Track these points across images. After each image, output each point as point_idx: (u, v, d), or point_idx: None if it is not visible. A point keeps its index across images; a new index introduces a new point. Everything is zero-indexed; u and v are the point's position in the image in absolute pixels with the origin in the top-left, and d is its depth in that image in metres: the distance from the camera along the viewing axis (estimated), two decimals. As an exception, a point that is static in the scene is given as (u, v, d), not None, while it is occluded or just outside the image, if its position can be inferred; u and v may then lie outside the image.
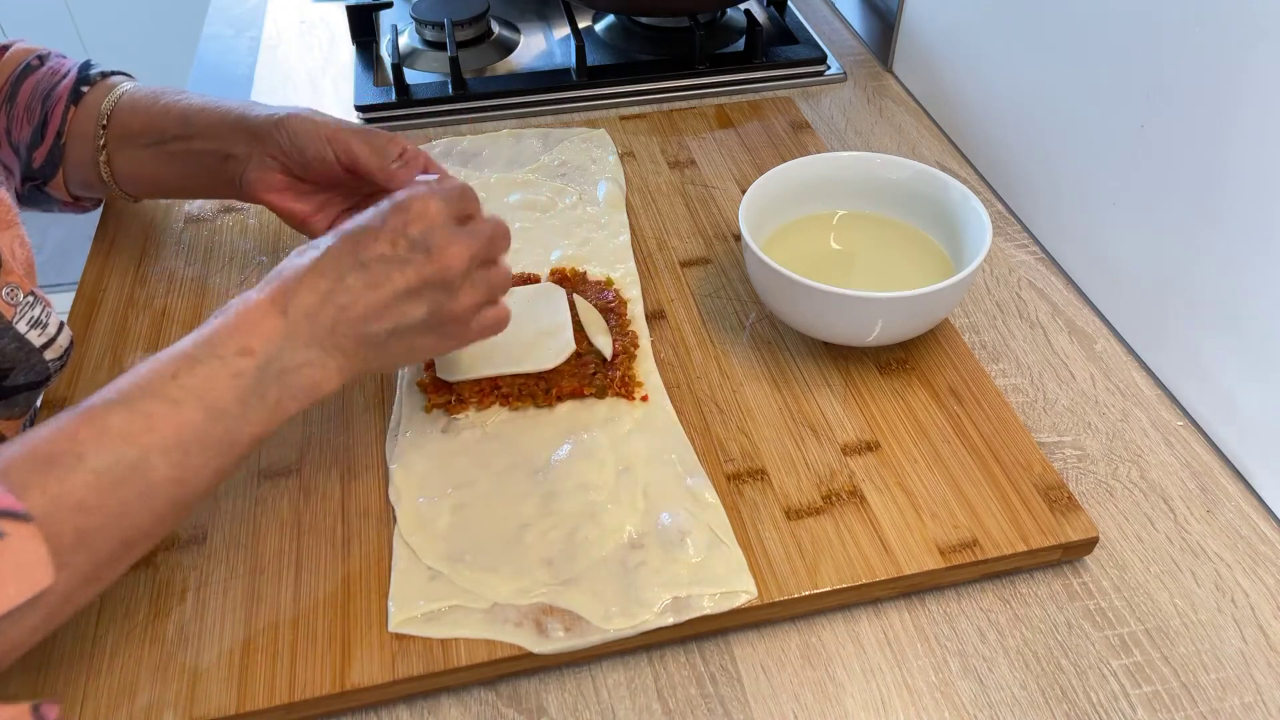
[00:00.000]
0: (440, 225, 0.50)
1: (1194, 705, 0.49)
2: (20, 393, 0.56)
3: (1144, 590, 0.54)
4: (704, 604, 0.51)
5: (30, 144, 0.69)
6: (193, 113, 0.65)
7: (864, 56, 1.01)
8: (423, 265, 0.49)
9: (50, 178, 0.70)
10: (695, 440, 0.60)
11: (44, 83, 0.69)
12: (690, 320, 0.68)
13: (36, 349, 0.55)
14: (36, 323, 0.56)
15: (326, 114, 0.62)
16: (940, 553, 0.53)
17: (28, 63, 0.70)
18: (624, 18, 1.03)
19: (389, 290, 0.49)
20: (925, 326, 0.63)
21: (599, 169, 0.81)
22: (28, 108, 0.68)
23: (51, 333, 0.56)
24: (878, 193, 0.70)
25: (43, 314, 0.56)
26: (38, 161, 0.69)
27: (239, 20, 1.09)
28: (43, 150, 0.68)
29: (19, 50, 0.71)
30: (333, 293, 0.48)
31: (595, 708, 0.49)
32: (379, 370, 0.52)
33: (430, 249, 0.49)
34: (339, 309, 0.48)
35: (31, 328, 0.55)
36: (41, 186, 0.70)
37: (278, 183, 0.63)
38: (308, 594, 0.52)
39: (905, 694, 0.50)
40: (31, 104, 0.68)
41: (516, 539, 0.54)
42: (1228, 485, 0.60)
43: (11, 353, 0.54)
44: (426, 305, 0.50)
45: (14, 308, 0.54)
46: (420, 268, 0.49)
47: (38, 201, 0.73)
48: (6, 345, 0.54)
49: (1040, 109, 0.74)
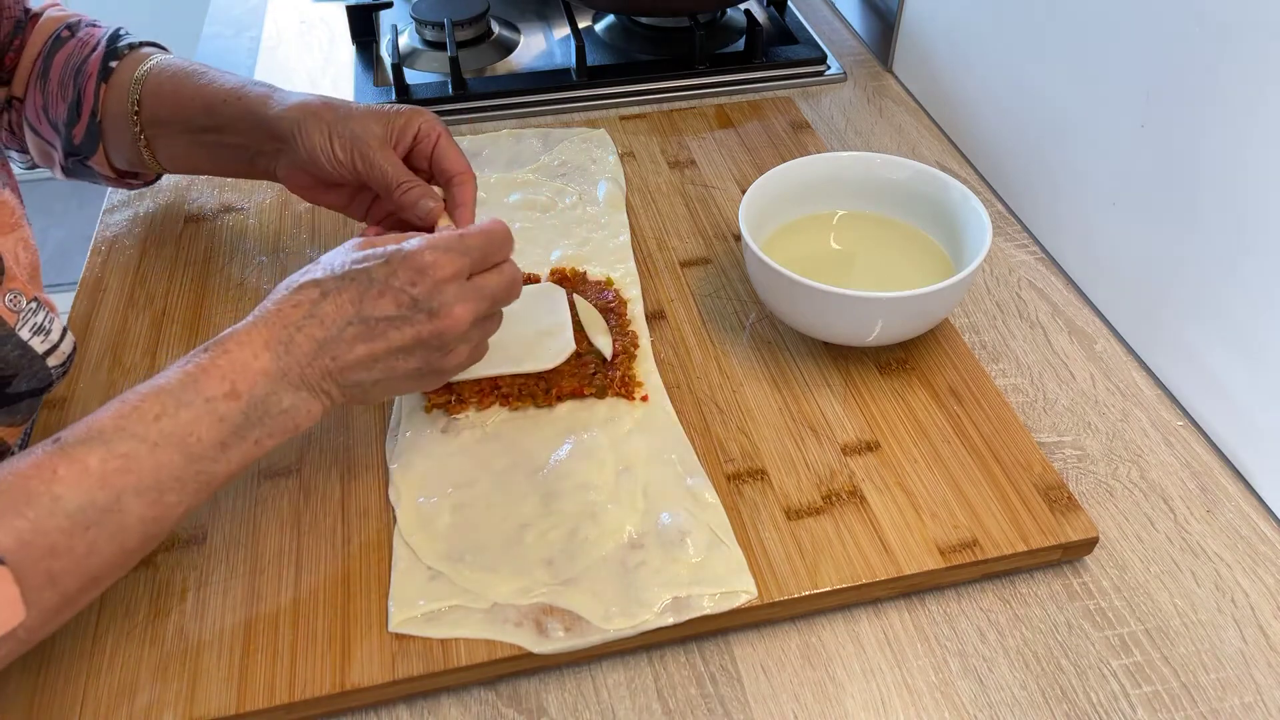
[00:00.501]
0: (448, 284, 0.49)
1: (1194, 705, 0.49)
2: (23, 399, 0.56)
3: (1144, 590, 0.54)
4: (704, 604, 0.51)
5: (68, 121, 0.69)
6: (217, 103, 0.65)
7: (864, 56, 1.01)
8: (422, 325, 0.49)
9: (91, 153, 0.70)
10: (695, 440, 0.60)
11: (74, 57, 0.69)
12: (690, 320, 0.68)
13: (39, 356, 0.55)
14: (39, 329, 0.56)
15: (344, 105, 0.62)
16: (940, 553, 0.53)
17: (58, 34, 0.69)
18: (624, 18, 1.03)
19: (383, 345, 0.49)
20: (925, 326, 0.63)
21: (599, 169, 0.81)
22: (61, 84, 0.68)
23: (54, 339, 0.56)
24: (878, 193, 0.70)
25: (46, 320, 0.56)
26: (78, 138, 0.69)
27: (239, 20, 1.09)
28: (80, 128, 0.69)
29: (49, 20, 0.70)
30: (329, 343, 0.48)
31: (595, 708, 0.49)
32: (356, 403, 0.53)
33: (433, 311, 0.49)
34: (332, 359, 0.48)
35: (34, 334, 0.55)
36: (84, 161, 0.71)
37: (307, 180, 0.65)
38: (308, 594, 0.52)
39: (905, 694, 0.50)
40: (64, 79, 0.68)
41: (516, 539, 0.54)
42: (1228, 485, 0.60)
43: (14, 360, 0.54)
44: (417, 361, 0.50)
45: (17, 314, 0.54)
46: (419, 328, 0.49)
47: (82, 175, 0.73)
48: (9, 352, 0.53)
49: (1040, 109, 0.74)
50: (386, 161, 0.60)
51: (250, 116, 0.64)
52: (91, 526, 0.42)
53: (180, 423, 0.44)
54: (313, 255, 0.74)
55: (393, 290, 0.49)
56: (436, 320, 0.49)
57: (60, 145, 0.70)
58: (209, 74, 0.67)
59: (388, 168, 0.60)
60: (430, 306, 0.49)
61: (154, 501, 0.44)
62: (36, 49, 0.69)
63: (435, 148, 0.62)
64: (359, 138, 0.60)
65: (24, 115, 0.70)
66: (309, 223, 0.78)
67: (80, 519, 0.42)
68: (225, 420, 0.45)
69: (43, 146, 0.71)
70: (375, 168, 0.60)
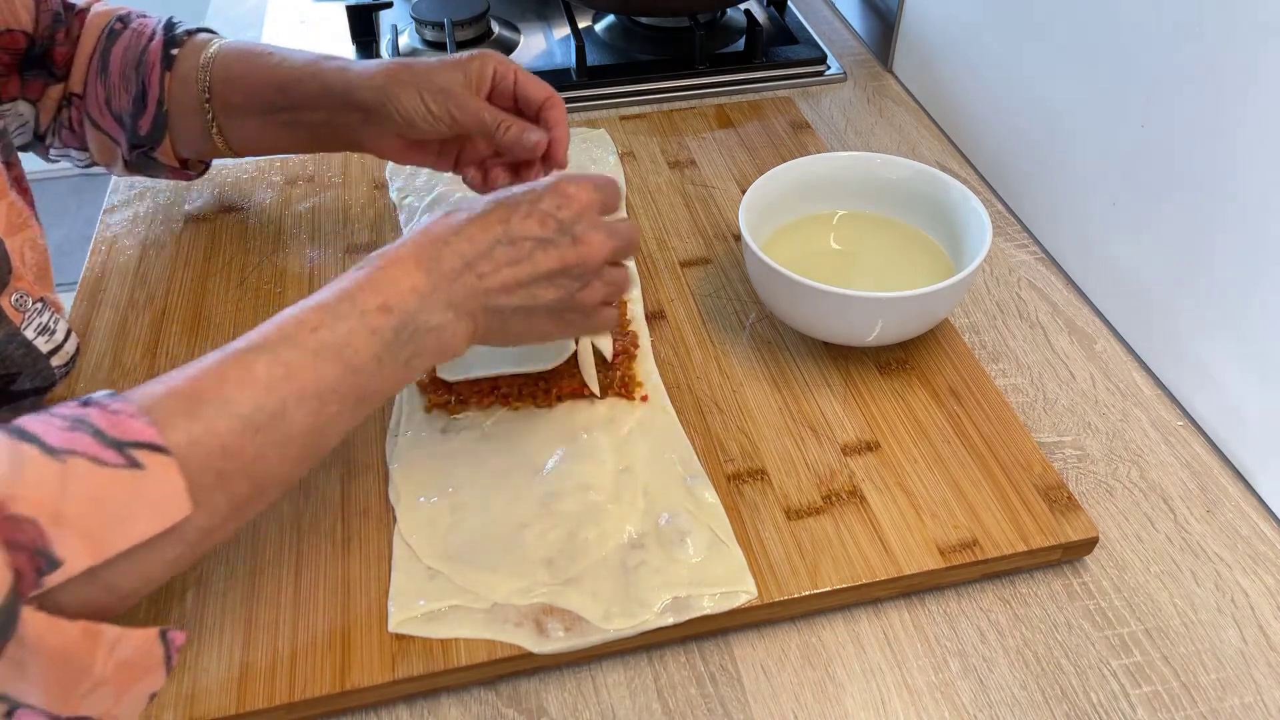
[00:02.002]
0: (589, 214, 0.52)
1: (1194, 705, 0.49)
2: (26, 398, 0.56)
3: (1144, 590, 0.54)
4: (704, 604, 0.51)
5: (133, 112, 0.68)
6: (292, 82, 0.66)
7: (864, 56, 1.01)
8: (566, 251, 0.50)
9: (158, 143, 0.70)
10: (695, 440, 0.60)
11: (132, 48, 0.69)
12: (690, 320, 0.68)
13: (43, 355, 0.55)
14: (44, 329, 0.56)
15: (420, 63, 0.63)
16: (940, 553, 0.53)
17: (110, 28, 0.69)
18: (624, 18, 1.03)
19: (528, 269, 0.50)
20: (925, 326, 0.63)
21: (599, 169, 0.81)
22: (123, 76, 0.68)
23: (59, 339, 0.57)
24: (878, 193, 0.70)
25: (51, 320, 0.56)
26: (144, 129, 0.69)
27: (239, 20, 1.09)
28: (146, 119, 0.68)
29: (99, 14, 0.70)
30: (477, 260, 0.49)
31: (595, 708, 0.49)
32: (492, 343, 0.53)
33: (576, 237, 0.51)
34: (478, 277, 0.49)
35: (39, 334, 0.55)
36: (149, 152, 0.70)
37: (398, 144, 0.66)
38: (308, 594, 0.52)
39: (905, 694, 0.50)
40: (126, 71, 0.68)
41: (516, 539, 0.54)
42: (1228, 485, 0.60)
43: (19, 359, 0.54)
44: (558, 291, 0.51)
45: (22, 314, 0.54)
46: (564, 253, 0.50)
47: (146, 168, 0.73)
48: (14, 351, 0.54)
49: (1040, 109, 0.74)
50: (481, 107, 0.62)
51: (330, 93, 0.65)
52: (259, 431, 0.43)
53: (338, 334, 0.45)
54: (312, 256, 0.74)
55: (539, 212, 0.50)
56: (579, 246, 0.51)
57: (125, 138, 0.69)
58: (278, 53, 0.68)
59: (484, 113, 0.62)
60: (574, 231, 0.51)
61: (315, 411, 0.45)
62: (91, 43, 0.69)
63: (516, 83, 0.64)
64: (449, 90, 0.62)
65: (85, 111, 0.70)
66: (309, 222, 0.78)
67: (250, 422, 0.42)
68: (378, 334, 0.46)
69: (104, 142, 0.70)
70: (472, 114, 0.62)
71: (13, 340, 0.54)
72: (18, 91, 0.68)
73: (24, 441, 0.39)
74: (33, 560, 0.37)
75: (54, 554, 0.37)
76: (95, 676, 0.39)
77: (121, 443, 0.39)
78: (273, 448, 0.44)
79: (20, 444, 0.39)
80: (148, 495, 0.39)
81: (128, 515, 0.39)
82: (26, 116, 0.70)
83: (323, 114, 0.66)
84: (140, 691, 0.41)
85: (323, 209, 0.79)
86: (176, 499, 0.40)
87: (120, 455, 0.39)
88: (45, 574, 0.37)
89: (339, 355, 0.45)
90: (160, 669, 0.42)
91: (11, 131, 0.71)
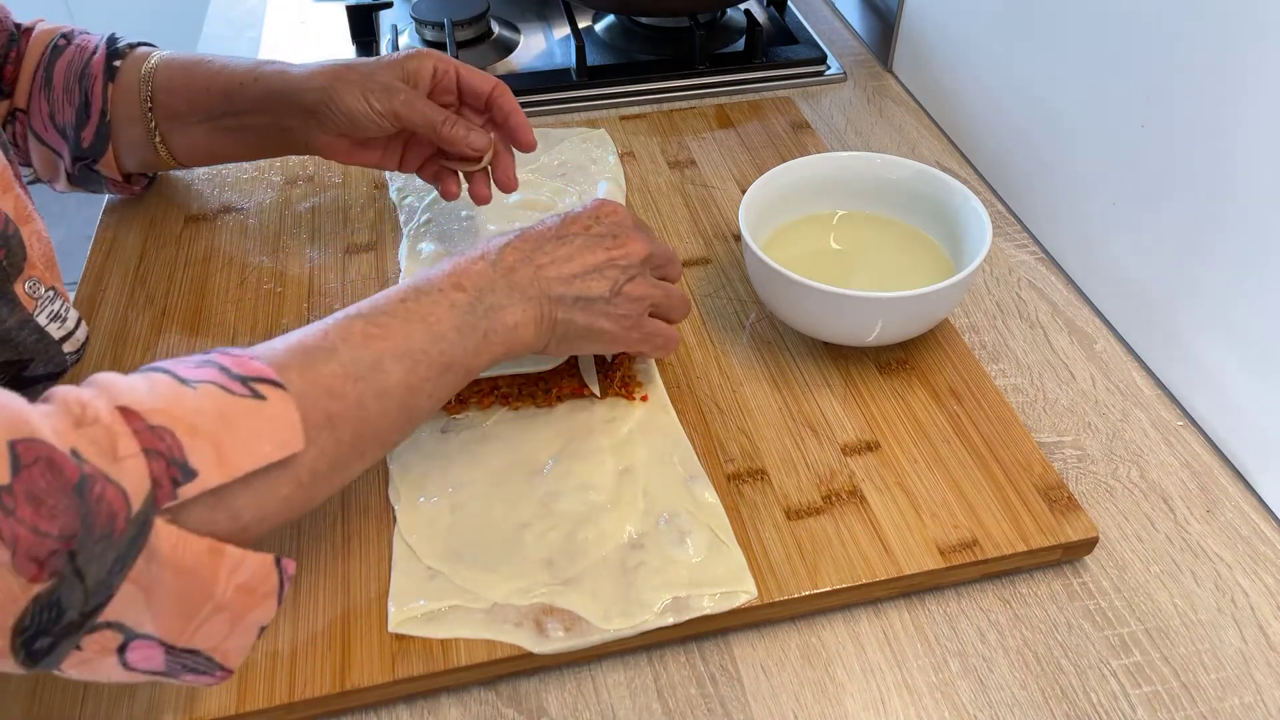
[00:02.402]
0: (628, 224, 0.57)
1: (1194, 705, 0.49)
2: (39, 383, 0.58)
3: (1144, 590, 0.54)
4: (704, 604, 0.51)
5: (76, 124, 0.69)
6: (235, 87, 0.68)
7: (864, 56, 1.01)
8: (611, 247, 0.56)
9: (100, 154, 0.71)
10: (695, 440, 0.60)
11: (75, 62, 0.69)
12: (690, 320, 0.68)
13: (56, 341, 0.57)
14: (56, 316, 0.57)
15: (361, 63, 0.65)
16: (940, 553, 0.53)
17: (54, 43, 0.70)
18: (624, 18, 1.03)
19: (579, 262, 0.55)
20: (925, 326, 0.63)
21: (599, 169, 0.81)
22: (66, 89, 0.69)
23: (70, 326, 0.58)
24: (878, 193, 0.70)
25: (62, 309, 0.58)
26: (86, 141, 0.70)
27: (239, 20, 1.09)
28: (90, 130, 0.69)
29: (43, 32, 0.71)
30: (532, 253, 0.54)
31: (595, 708, 0.49)
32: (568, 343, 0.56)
33: (618, 236, 0.56)
34: (536, 267, 0.54)
35: (51, 321, 0.57)
36: (92, 165, 0.71)
37: (344, 145, 0.68)
38: (308, 593, 0.52)
39: (905, 694, 0.50)
40: (69, 85, 0.69)
41: (516, 539, 0.54)
42: (1228, 485, 0.60)
43: (32, 345, 0.55)
44: (609, 283, 0.55)
45: (35, 301, 0.56)
46: (609, 248, 0.56)
47: (88, 182, 0.74)
48: (27, 337, 0.55)
49: (1040, 109, 0.74)
50: (425, 104, 0.65)
51: (273, 95, 0.66)
52: (360, 379, 0.46)
53: (422, 305, 0.50)
54: (312, 256, 0.74)
55: (582, 221, 0.56)
56: (620, 244, 0.56)
57: (68, 151, 0.70)
58: (217, 61, 0.69)
59: (427, 109, 0.64)
60: (615, 234, 0.56)
61: (408, 370, 0.48)
62: (35, 59, 0.70)
63: (458, 78, 0.67)
64: (391, 88, 0.64)
65: (29, 126, 0.70)
66: (309, 222, 0.78)
67: (352, 369, 0.46)
68: (456, 307, 0.50)
69: (48, 156, 0.71)
70: (416, 111, 0.64)
71: (26, 326, 0.55)
72: None
73: (158, 373, 0.42)
74: (169, 470, 0.39)
75: (190, 464, 0.39)
76: (216, 598, 0.40)
77: (246, 378, 0.43)
78: (373, 398, 0.47)
79: (155, 375, 0.42)
80: (270, 423, 0.42)
81: (254, 438, 0.41)
82: None
83: (267, 118, 0.67)
84: (252, 621, 0.43)
85: (323, 209, 0.79)
86: (294, 429, 0.43)
87: (245, 387, 0.42)
88: (181, 484, 0.39)
89: (424, 321, 0.49)
90: (273, 597, 0.43)
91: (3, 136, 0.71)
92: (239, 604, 0.41)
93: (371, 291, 0.70)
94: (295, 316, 0.69)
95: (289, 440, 0.42)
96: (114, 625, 0.38)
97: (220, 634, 0.41)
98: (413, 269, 0.72)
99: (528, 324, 0.53)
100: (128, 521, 0.37)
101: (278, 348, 0.46)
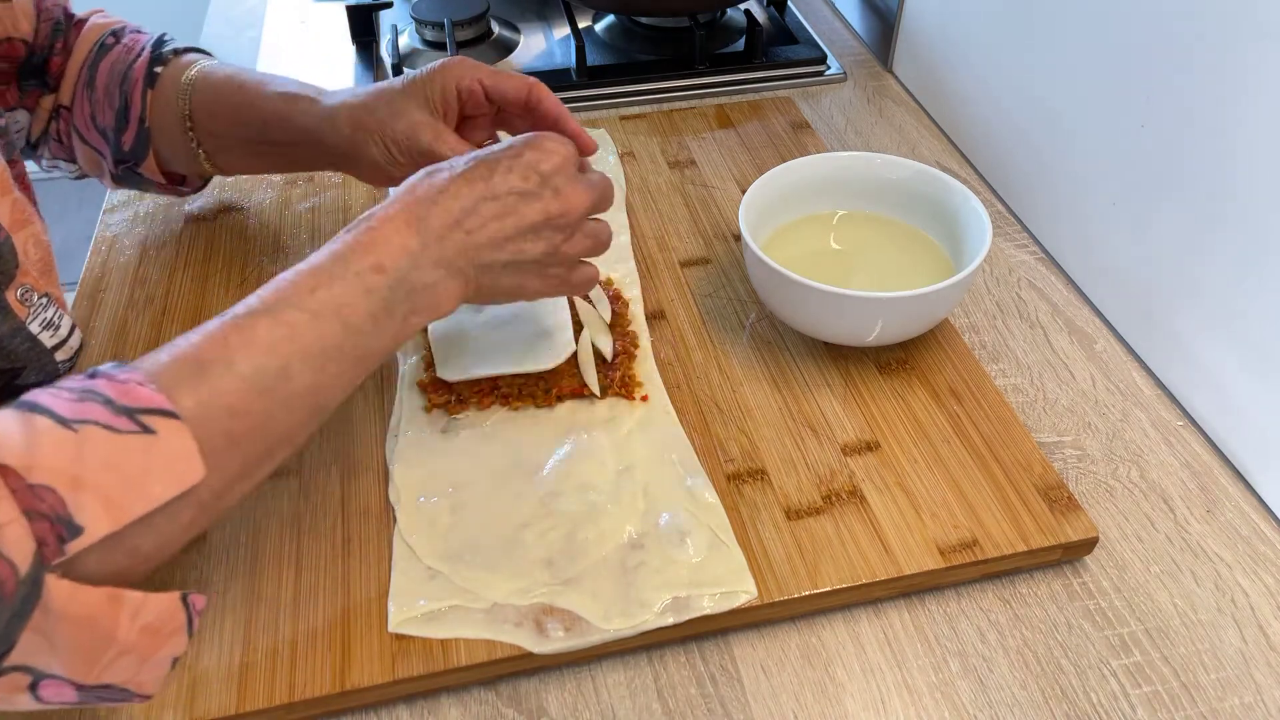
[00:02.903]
0: (568, 167, 0.53)
1: (1194, 705, 0.49)
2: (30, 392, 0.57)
3: (1144, 590, 0.54)
4: (704, 604, 0.51)
5: (116, 128, 0.69)
6: (270, 121, 0.65)
7: (864, 56, 1.01)
8: (549, 203, 0.52)
9: (142, 158, 0.70)
10: (695, 440, 0.60)
11: (119, 63, 0.69)
12: (690, 320, 0.68)
13: (48, 350, 0.56)
14: (49, 324, 0.56)
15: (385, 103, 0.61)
16: (940, 553, 0.53)
17: (102, 41, 0.69)
18: (624, 18, 1.03)
19: (514, 223, 0.51)
20: (925, 326, 0.63)
21: (599, 169, 0.81)
22: (107, 90, 0.68)
23: (63, 334, 0.57)
24: (878, 193, 0.70)
25: (55, 316, 0.57)
26: (127, 145, 0.69)
27: (239, 20, 1.09)
28: (129, 134, 0.69)
29: (95, 27, 0.70)
30: (464, 217, 0.50)
31: (595, 708, 0.49)
32: (487, 299, 0.54)
33: (558, 189, 0.52)
34: (467, 234, 0.50)
35: (44, 329, 0.56)
36: (134, 168, 0.70)
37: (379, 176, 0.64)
38: (308, 594, 0.52)
39: (905, 694, 0.50)
40: (110, 87, 0.68)
41: (516, 539, 0.54)
42: (1228, 485, 0.60)
43: (24, 353, 0.55)
44: (545, 244, 0.52)
45: (28, 308, 0.55)
46: (547, 204, 0.51)
47: (133, 183, 0.73)
48: (19, 345, 0.54)
49: (1040, 109, 0.74)
50: (445, 145, 0.60)
51: (307, 134, 0.64)
52: (264, 392, 0.43)
53: (334, 294, 0.46)
54: (313, 255, 0.74)
55: (520, 166, 0.51)
56: (560, 197, 0.52)
57: (109, 153, 0.70)
58: (250, 84, 0.66)
59: (456, 147, 0.60)
60: (554, 184, 0.52)
61: (318, 369, 0.45)
62: (82, 56, 0.69)
63: (486, 90, 0.61)
64: (411, 135, 0.60)
65: (72, 123, 0.70)
66: (309, 223, 0.78)
67: (255, 382, 0.43)
68: (373, 293, 0.47)
69: (91, 155, 0.71)
70: (438, 155, 0.60)
71: (18, 334, 0.54)
72: (15, 100, 0.69)
73: (36, 414, 0.39)
74: (54, 528, 0.37)
75: (75, 521, 0.38)
76: (120, 643, 0.40)
77: (132, 410, 0.40)
78: (279, 407, 0.44)
79: (33, 416, 0.39)
80: (162, 459, 0.40)
81: (144, 480, 0.39)
82: (23, 124, 0.70)
83: (304, 150, 0.66)
84: (163, 657, 0.42)
85: (323, 209, 0.79)
86: (190, 461, 0.41)
87: (132, 422, 0.40)
88: (67, 541, 0.38)
89: (337, 314, 0.46)
90: (182, 633, 0.42)
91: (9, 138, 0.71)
92: (145, 645, 0.41)
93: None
94: (295, 316, 0.69)
95: (185, 474, 0.41)
96: (21, 668, 0.38)
97: (130, 670, 0.41)
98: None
99: (451, 294, 0.50)
100: (17, 584, 0.36)
101: (164, 361, 0.43)
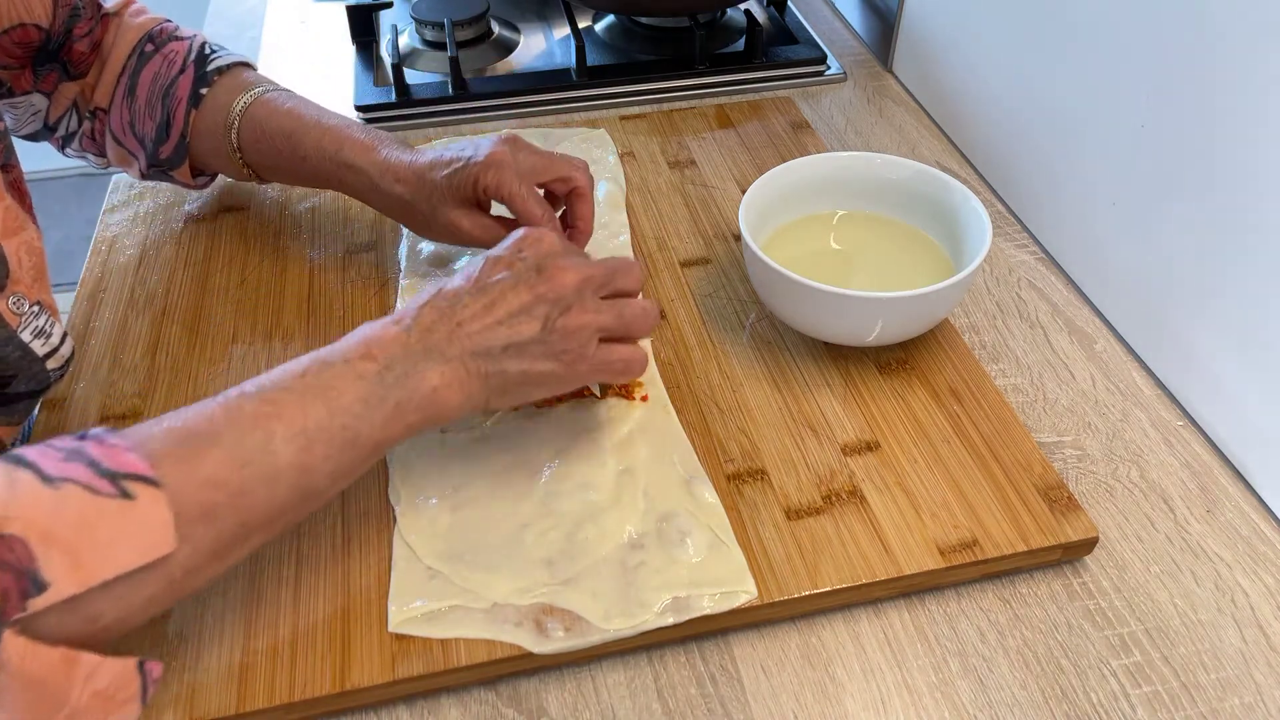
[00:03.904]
0: (555, 252, 0.53)
1: (1194, 705, 0.49)
2: (21, 400, 0.57)
3: (1144, 590, 0.54)
4: (704, 604, 0.51)
5: (156, 139, 0.71)
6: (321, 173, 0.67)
7: (864, 56, 1.01)
8: (535, 283, 0.52)
9: (177, 166, 0.72)
10: (695, 440, 0.60)
11: (161, 76, 0.70)
12: (690, 320, 0.68)
13: (39, 358, 0.56)
14: (40, 332, 0.56)
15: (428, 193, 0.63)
16: (940, 553, 0.53)
17: (141, 49, 0.71)
18: (624, 18, 1.03)
19: (503, 308, 0.51)
20: (925, 326, 0.63)
21: (599, 169, 0.81)
22: (149, 103, 0.70)
23: (55, 343, 0.57)
24: (878, 193, 0.70)
25: (47, 324, 0.57)
26: (164, 154, 0.71)
27: (239, 20, 1.09)
28: (169, 147, 0.71)
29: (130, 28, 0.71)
30: (451, 309, 0.51)
31: (595, 708, 0.49)
32: (510, 394, 0.53)
33: (544, 270, 0.52)
34: (455, 324, 0.50)
35: (35, 337, 0.55)
36: (167, 171, 0.73)
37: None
38: (308, 594, 0.52)
39: (905, 694, 0.50)
40: (153, 101, 0.70)
41: (516, 539, 0.54)
42: (1228, 485, 0.60)
43: (14, 361, 0.54)
44: (539, 322, 0.51)
45: (19, 317, 0.55)
46: (533, 285, 0.52)
47: (159, 179, 0.76)
48: (10, 354, 0.54)
49: (1040, 109, 0.74)
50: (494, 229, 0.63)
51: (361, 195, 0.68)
52: (246, 465, 0.43)
53: (323, 379, 0.47)
54: (312, 256, 0.74)
55: (504, 260, 0.53)
56: (544, 275, 0.52)
57: (144, 157, 0.72)
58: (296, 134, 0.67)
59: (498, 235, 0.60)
60: (540, 266, 0.52)
61: (303, 449, 0.45)
62: (120, 63, 0.71)
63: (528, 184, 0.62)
64: (452, 229, 0.64)
65: (108, 126, 0.72)
66: (309, 223, 0.78)
67: (236, 454, 0.43)
68: (364, 378, 0.47)
69: (124, 155, 0.73)
70: (479, 242, 0.64)
71: (9, 343, 0.54)
72: (30, 85, 0.69)
73: (20, 468, 0.39)
74: (19, 581, 0.37)
75: (41, 577, 0.37)
76: (71, 705, 0.39)
77: (115, 473, 0.40)
78: (260, 484, 0.44)
79: (17, 469, 0.39)
80: (136, 526, 0.40)
81: (115, 544, 0.39)
82: (39, 106, 0.71)
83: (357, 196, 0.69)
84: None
85: (323, 209, 0.79)
86: (164, 530, 0.40)
87: (113, 485, 0.40)
88: (31, 597, 0.37)
89: (323, 396, 0.46)
90: (136, 701, 0.42)
91: (22, 120, 0.71)
92: (96, 710, 0.40)
93: (371, 292, 0.71)
94: (295, 316, 0.69)
95: (158, 543, 0.40)
96: None
97: None
98: (413, 269, 0.72)
99: (450, 386, 0.49)
100: None
101: (156, 433, 0.43)
